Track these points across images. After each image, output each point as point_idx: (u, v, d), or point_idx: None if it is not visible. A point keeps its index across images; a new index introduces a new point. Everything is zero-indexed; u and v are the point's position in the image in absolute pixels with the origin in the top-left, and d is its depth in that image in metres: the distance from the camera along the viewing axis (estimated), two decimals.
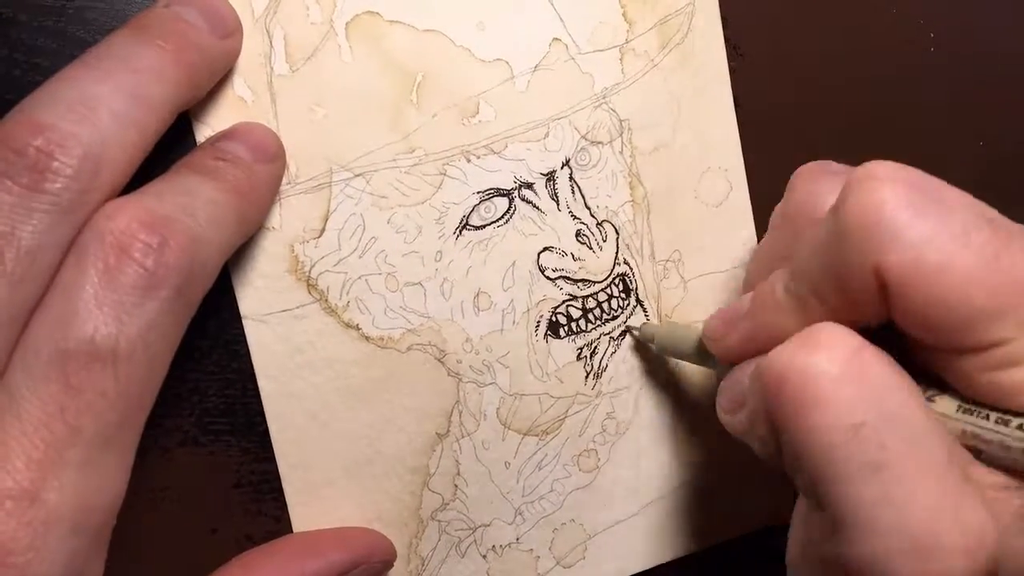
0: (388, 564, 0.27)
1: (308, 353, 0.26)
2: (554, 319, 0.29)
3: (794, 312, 0.21)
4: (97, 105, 0.20)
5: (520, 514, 0.29)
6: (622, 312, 0.30)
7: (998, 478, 0.19)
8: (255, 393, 0.26)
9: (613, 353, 0.30)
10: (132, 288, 0.19)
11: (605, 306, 0.29)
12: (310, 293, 0.26)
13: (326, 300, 0.26)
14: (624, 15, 0.29)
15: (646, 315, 0.30)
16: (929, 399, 0.20)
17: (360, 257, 0.26)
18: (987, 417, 0.19)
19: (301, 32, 0.25)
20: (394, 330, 0.27)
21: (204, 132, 0.24)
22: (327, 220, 0.26)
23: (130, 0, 0.24)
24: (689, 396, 0.31)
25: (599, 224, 0.29)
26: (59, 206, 0.19)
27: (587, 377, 0.29)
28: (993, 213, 0.19)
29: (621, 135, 0.29)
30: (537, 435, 0.29)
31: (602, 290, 0.29)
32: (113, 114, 0.20)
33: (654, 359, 0.30)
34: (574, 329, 0.29)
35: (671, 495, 0.31)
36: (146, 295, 0.19)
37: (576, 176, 0.29)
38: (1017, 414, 0.18)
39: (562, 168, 0.28)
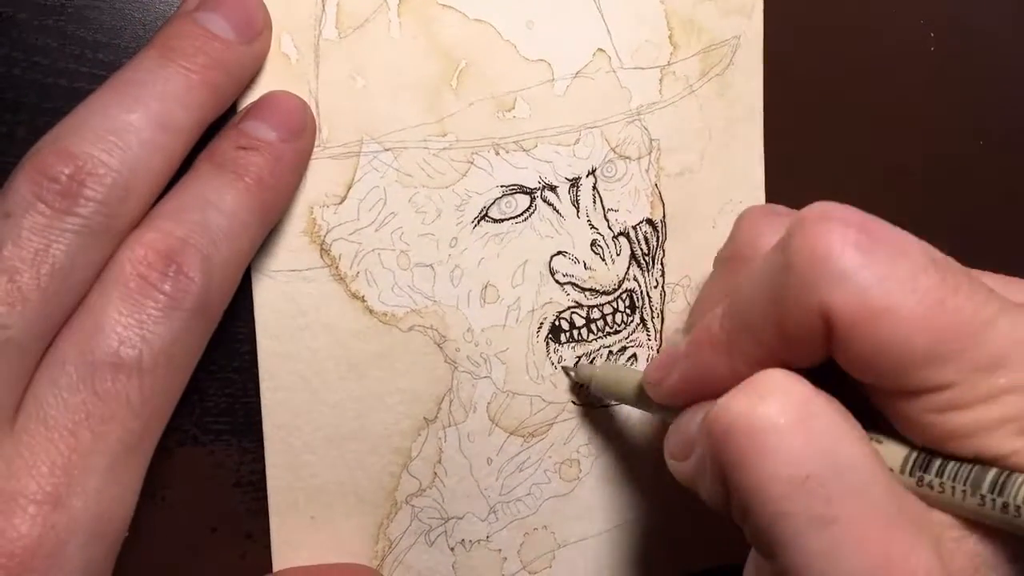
0: None
1: (310, 316, 0.26)
2: (557, 323, 0.29)
3: (728, 352, 0.21)
4: (126, 134, 0.21)
5: (494, 512, 0.29)
6: (625, 327, 0.30)
7: (952, 520, 0.19)
8: (255, 393, 0.26)
9: None
10: (153, 310, 0.20)
11: (609, 319, 0.29)
12: (322, 258, 0.26)
13: (336, 267, 0.26)
14: (670, 38, 0.29)
15: (647, 334, 0.30)
16: (877, 439, 0.20)
17: (376, 230, 0.26)
18: (932, 482, 0.19)
19: (355, 1, 0.25)
20: (398, 308, 0.27)
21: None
22: (350, 188, 0.26)
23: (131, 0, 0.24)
24: None
25: (615, 237, 0.29)
26: (89, 228, 0.20)
27: (580, 387, 0.29)
28: (941, 256, 0.19)
29: (650, 154, 0.29)
30: (523, 436, 0.29)
31: (608, 302, 0.29)
32: (141, 143, 0.21)
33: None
34: (575, 337, 0.29)
35: (647, 518, 0.31)
36: (167, 315, 0.21)
37: (600, 186, 0.29)
38: (960, 459, 0.18)
39: (587, 176, 0.29)
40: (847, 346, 0.19)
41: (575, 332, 0.29)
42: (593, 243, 0.29)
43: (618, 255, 0.29)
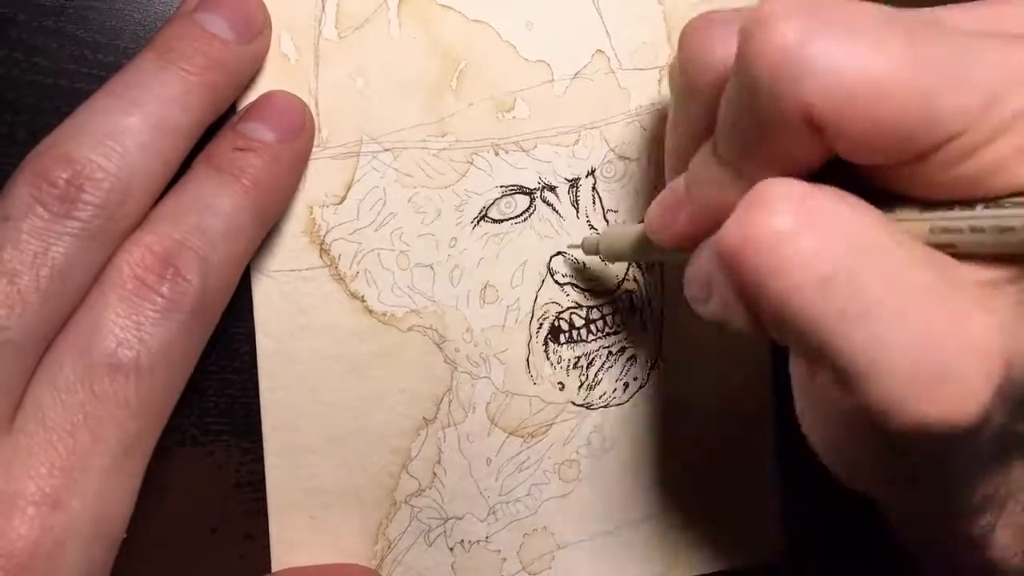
0: None
1: (310, 316, 0.26)
2: (557, 324, 0.29)
3: (732, 181, 0.20)
4: (124, 138, 0.21)
5: (493, 513, 0.29)
6: (624, 328, 0.30)
7: (984, 273, 0.18)
8: (255, 393, 0.26)
9: (609, 368, 0.30)
10: (151, 312, 0.21)
11: (609, 320, 0.29)
12: (321, 257, 0.26)
13: (336, 267, 0.26)
14: (669, 39, 0.29)
15: (647, 335, 0.30)
16: (889, 210, 0.19)
17: (376, 230, 0.26)
18: (959, 231, 0.17)
19: (355, 1, 0.25)
20: (398, 308, 0.27)
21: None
22: (350, 188, 0.26)
23: (131, 0, 0.24)
24: (679, 424, 0.31)
25: None
26: (88, 231, 0.20)
27: (580, 387, 0.29)
28: (892, 11, 0.18)
29: (649, 154, 0.29)
30: (523, 436, 0.29)
31: (608, 303, 0.29)
32: (140, 146, 0.21)
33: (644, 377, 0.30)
34: (575, 337, 0.29)
35: (647, 519, 0.31)
36: (164, 317, 0.21)
37: (599, 187, 0.29)
38: (981, 201, 0.17)
39: (587, 177, 0.29)
40: (844, 136, 0.17)
41: (575, 333, 0.29)
42: None
43: None
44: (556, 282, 0.29)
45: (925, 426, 0.17)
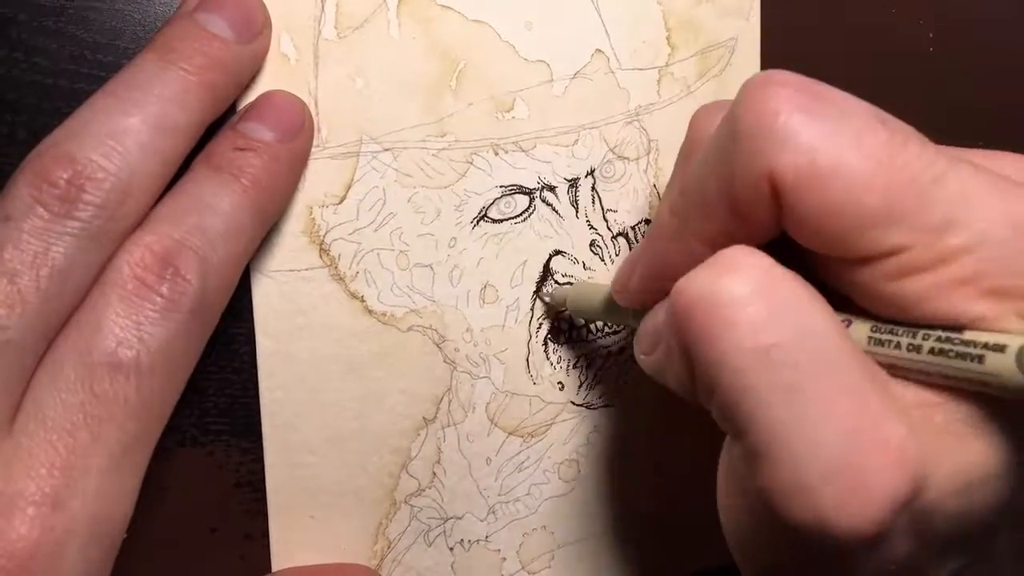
0: None
1: (310, 316, 0.26)
2: (556, 324, 0.29)
3: (682, 236, 0.20)
4: (124, 138, 0.21)
5: (493, 512, 0.29)
6: (624, 329, 0.30)
7: (918, 394, 0.18)
8: (255, 393, 0.26)
9: (609, 368, 0.30)
10: (151, 312, 0.21)
11: None
12: (321, 257, 0.26)
13: (336, 267, 0.26)
14: (668, 39, 0.29)
15: None
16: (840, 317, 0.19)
17: (376, 230, 0.26)
18: (898, 346, 0.18)
19: (354, 1, 0.25)
20: (397, 308, 0.27)
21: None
22: (349, 188, 0.26)
23: (131, 0, 0.24)
24: (677, 423, 0.31)
25: (614, 237, 0.29)
26: (88, 231, 0.20)
27: (580, 388, 0.29)
28: (888, 117, 0.18)
29: (648, 154, 0.29)
30: (522, 436, 0.29)
31: None
32: (140, 146, 0.21)
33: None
34: (575, 337, 0.29)
35: (646, 518, 0.31)
36: (164, 317, 0.21)
37: (599, 187, 0.29)
38: (925, 326, 0.18)
39: (586, 177, 0.29)
40: (795, 209, 0.18)
41: (574, 333, 0.29)
42: (592, 243, 0.29)
43: (617, 255, 0.29)
44: (556, 282, 0.29)
45: (822, 523, 0.17)
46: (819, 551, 0.17)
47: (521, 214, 0.28)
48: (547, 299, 0.29)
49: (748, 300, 0.18)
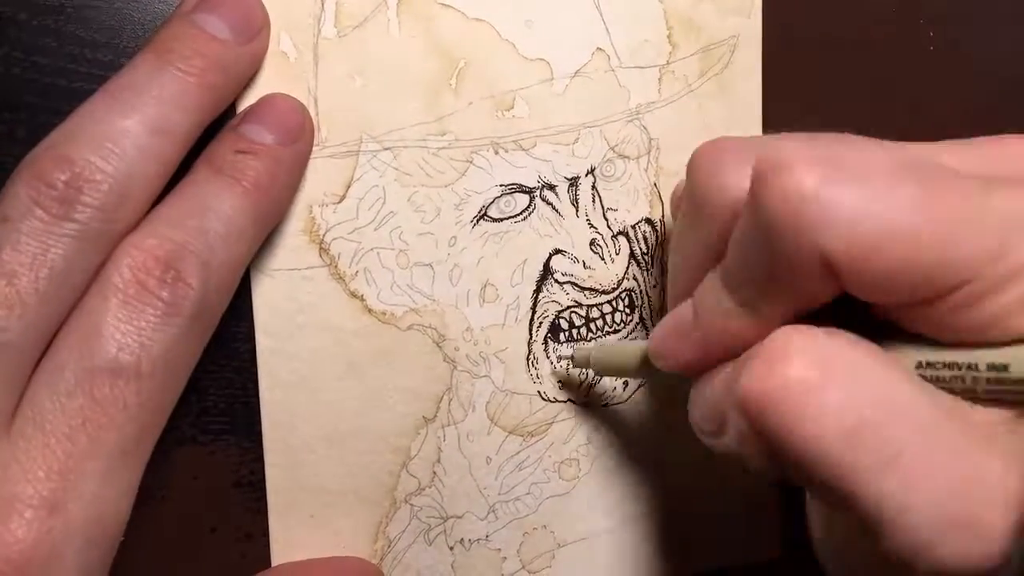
0: None
1: (309, 315, 0.26)
2: (557, 323, 0.29)
3: (743, 313, 0.20)
4: (122, 139, 0.21)
5: (493, 512, 0.29)
6: (624, 327, 0.30)
7: (998, 415, 0.18)
8: (254, 392, 0.26)
9: None
10: (151, 316, 0.21)
11: (608, 318, 0.29)
12: (321, 257, 0.26)
13: (335, 266, 0.26)
14: (669, 37, 0.29)
15: (647, 334, 0.30)
16: (889, 341, 0.19)
17: (376, 229, 0.26)
18: (961, 379, 0.18)
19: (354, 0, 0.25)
20: (397, 307, 0.27)
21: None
22: (349, 187, 0.26)
23: (130, 0, 0.24)
24: (678, 421, 0.31)
25: (614, 236, 0.29)
26: (86, 233, 0.20)
27: (580, 386, 0.29)
28: (904, 154, 0.19)
29: (648, 153, 0.29)
30: (522, 435, 0.29)
31: (608, 302, 0.29)
32: (137, 148, 0.21)
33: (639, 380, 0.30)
34: (575, 336, 0.29)
35: (647, 517, 0.31)
36: (165, 321, 0.21)
37: (599, 186, 0.29)
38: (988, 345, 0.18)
39: (586, 176, 0.29)
40: (855, 279, 0.18)
41: (575, 331, 0.29)
42: (592, 242, 0.29)
43: (617, 254, 0.29)
44: (556, 281, 0.29)
45: (951, 569, 0.17)
46: None
47: (521, 213, 0.28)
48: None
49: (820, 385, 0.18)
